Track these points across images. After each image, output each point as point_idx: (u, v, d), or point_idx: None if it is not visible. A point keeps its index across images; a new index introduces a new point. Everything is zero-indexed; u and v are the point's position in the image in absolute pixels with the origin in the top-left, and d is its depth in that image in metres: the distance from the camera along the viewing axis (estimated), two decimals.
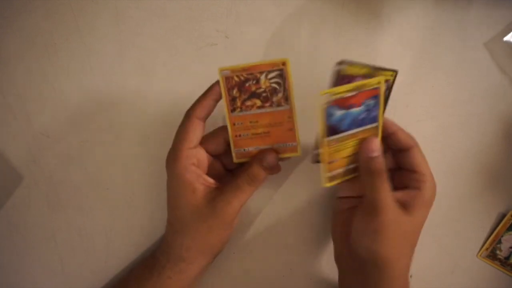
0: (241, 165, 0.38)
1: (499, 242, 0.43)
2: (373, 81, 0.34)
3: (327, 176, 0.36)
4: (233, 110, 0.36)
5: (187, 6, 0.47)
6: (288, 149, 0.37)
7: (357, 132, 0.35)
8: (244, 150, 0.37)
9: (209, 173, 0.38)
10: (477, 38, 0.45)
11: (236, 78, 0.35)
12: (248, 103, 0.35)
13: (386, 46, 0.46)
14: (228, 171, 0.40)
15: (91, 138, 0.45)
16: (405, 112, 0.45)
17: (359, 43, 0.46)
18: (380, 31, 0.46)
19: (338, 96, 0.33)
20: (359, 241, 0.36)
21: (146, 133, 0.45)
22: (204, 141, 0.38)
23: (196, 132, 0.36)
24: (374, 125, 0.36)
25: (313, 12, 0.47)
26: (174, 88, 0.46)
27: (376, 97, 0.34)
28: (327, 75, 0.46)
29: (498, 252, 0.43)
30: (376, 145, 0.35)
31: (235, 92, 0.35)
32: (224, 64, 0.46)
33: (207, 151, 0.38)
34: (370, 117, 0.35)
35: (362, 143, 0.36)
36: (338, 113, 0.33)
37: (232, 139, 0.37)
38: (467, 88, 0.45)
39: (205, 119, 0.37)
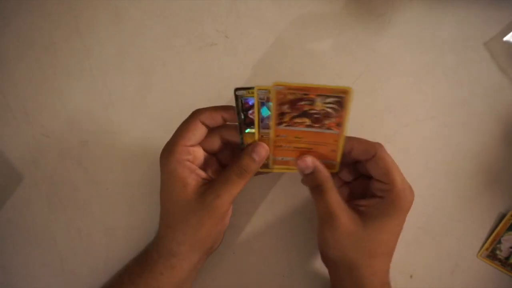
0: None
1: (499, 242, 0.43)
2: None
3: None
4: (279, 123, 0.34)
5: (187, 6, 0.47)
6: (326, 165, 0.36)
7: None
8: (282, 158, 0.37)
9: (204, 169, 0.38)
10: (477, 38, 0.45)
11: (289, 96, 0.33)
12: (297, 120, 0.34)
13: (386, 46, 0.46)
14: (224, 167, 0.40)
15: (91, 138, 0.45)
16: (405, 112, 0.45)
17: (359, 43, 0.46)
18: (380, 31, 0.46)
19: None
20: (322, 246, 0.38)
21: (146, 133, 0.45)
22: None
23: (196, 133, 0.36)
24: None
25: (313, 12, 0.47)
26: (174, 88, 0.46)
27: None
28: (327, 75, 0.46)
29: (498, 252, 0.43)
30: (306, 163, 0.36)
31: (285, 108, 0.33)
32: (224, 64, 0.46)
33: (203, 149, 0.38)
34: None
35: (297, 162, 0.36)
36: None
37: (271, 148, 0.36)
38: (467, 88, 0.45)
39: (208, 126, 0.37)
